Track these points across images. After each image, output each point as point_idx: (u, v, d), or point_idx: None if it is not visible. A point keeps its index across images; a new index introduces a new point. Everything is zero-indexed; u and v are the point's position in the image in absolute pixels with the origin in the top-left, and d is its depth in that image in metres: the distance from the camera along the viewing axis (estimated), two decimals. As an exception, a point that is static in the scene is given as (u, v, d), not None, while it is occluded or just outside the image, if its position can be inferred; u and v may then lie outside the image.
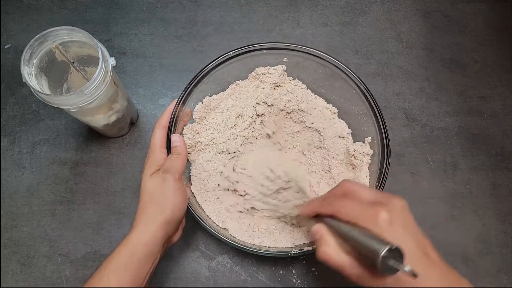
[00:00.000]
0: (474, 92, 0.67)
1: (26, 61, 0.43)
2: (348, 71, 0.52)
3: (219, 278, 0.55)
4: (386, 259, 0.29)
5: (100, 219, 0.57)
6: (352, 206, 0.34)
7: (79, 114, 0.49)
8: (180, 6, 0.70)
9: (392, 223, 0.32)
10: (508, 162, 0.63)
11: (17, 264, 0.55)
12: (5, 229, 0.57)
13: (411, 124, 0.65)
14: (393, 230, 0.32)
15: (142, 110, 0.64)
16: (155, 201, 0.43)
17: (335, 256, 0.34)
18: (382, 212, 0.32)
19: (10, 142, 0.61)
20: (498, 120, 0.66)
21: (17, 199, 0.58)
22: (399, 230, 0.32)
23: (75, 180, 0.59)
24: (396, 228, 0.32)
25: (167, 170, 0.44)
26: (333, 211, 0.36)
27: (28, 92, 0.63)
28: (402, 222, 0.33)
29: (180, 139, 0.47)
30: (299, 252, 0.46)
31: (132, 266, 0.39)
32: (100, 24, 0.68)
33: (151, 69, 0.66)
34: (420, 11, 0.72)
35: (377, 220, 0.32)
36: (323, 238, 0.36)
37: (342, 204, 0.35)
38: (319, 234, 0.36)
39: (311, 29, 0.70)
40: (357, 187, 0.36)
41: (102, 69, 0.44)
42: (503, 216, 0.60)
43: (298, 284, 0.55)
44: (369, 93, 0.51)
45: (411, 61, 0.69)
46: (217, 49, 0.67)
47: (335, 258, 0.34)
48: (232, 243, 0.47)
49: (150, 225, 0.41)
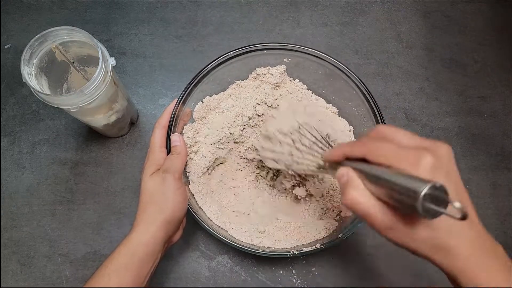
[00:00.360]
0: (474, 92, 0.67)
1: (26, 61, 0.43)
2: (348, 72, 0.52)
3: (219, 278, 0.55)
4: (427, 201, 0.24)
5: (100, 219, 0.57)
6: (390, 148, 0.29)
7: (79, 114, 0.49)
8: (180, 6, 0.70)
9: (436, 169, 0.27)
10: (508, 162, 0.63)
11: (17, 264, 0.55)
12: (5, 229, 0.57)
13: (411, 124, 0.65)
14: (435, 176, 0.27)
15: (142, 110, 0.64)
16: (155, 201, 0.43)
17: (364, 200, 0.29)
18: (425, 156, 0.27)
19: (10, 142, 0.61)
20: (498, 120, 0.66)
21: (17, 199, 0.58)
22: (442, 177, 0.28)
23: (75, 180, 0.59)
24: (438, 175, 0.28)
25: (167, 170, 0.44)
26: (366, 153, 0.31)
27: (28, 92, 0.63)
28: (446, 170, 0.29)
29: (179, 138, 0.47)
30: (298, 253, 0.46)
31: (133, 266, 0.39)
32: (100, 24, 0.68)
33: (151, 69, 0.66)
34: (420, 11, 0.72)
35: (419, 163, 0.27)
36: (350, 180, 0.31)
37: (378, 145, 0.30)
38: (346, 177, 0.31)
39: (311, 29, 0.70)
40: (396, 130, 0.31)
41: (102, 69, 0.44)
42: (503, 216, 0.60)
43: (298, 284, 0.55)
44: (369, 94, 0.51)
45: (411, 61, 0.69)
46: (217, 49, 0.67)
47: (364, 203, 0.29)
48: (231, 244, 0.47)
49: (150, 225, 0.41)
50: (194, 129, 0.53)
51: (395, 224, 0.29)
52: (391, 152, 0.29)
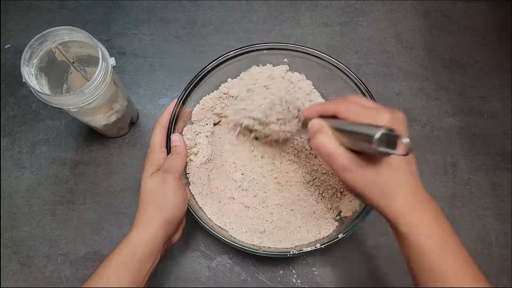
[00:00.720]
0: (474, 92, 0.67)
1: (26, 61, 0.43)
2: (348, 72, 0.52)
3: (219, 278, 0.55)
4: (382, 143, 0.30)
5: (100, 219, 0.57)
6: (357, 108, 0.35)
7: (79, 114, 0.49)
8: (180, 6, 0.70)
9: (393, 124, 0.32)
10: (508, 162, 0.63)
11: (17, 264, 0.55)
12: (5, 229, 0.57)
13: (411, 124, 0.65)
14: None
15: (142, 110, 0.64)
16: (155, 201, 0.43)
17: (330, 143, 0.35)
18: (384, 113, 0.33)
19: (10, 142, 0.61)
20: (498, 120, 0.66)
21: (17, 199, 0.58)
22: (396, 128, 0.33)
23: (75, 180, 0.59)
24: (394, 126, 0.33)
25: (167, 170, 0.44)
26: (337, 111, 0.36)
27: (28, 92, 0.63)
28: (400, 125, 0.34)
29: (180, 138, 0.47)
30: (298, 253, 0.46)
31: (132, 265, 0.39)
32: (100, 24, 0.68)
33: (151, 69, 0.66)
34: (420, 11, 0.72)
35: (378, 118, 0.33)
36: (321, 128, 0.36)
37: (348, 105, 0.36)
38: (318, 125, 0.37)
39: (311, 29, 0.70)
40: (361, 97, 0.38)
41: (102, 69, 0.44)
42: (503, 216, 0.60)
43: (298, 284, 0.55)
44: (369, 94, 0.51)
45: (411, 61, 0.69)
46: (217, 49, 0.67)
47: (329, 145, 0.35)
48: (232, 244, 0.47)
49: (150, 225, 0.41)
50: (193, 131, 0.53)
51: (350, 166, 0.34)
52: (358, 109, 0.35)
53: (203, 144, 0.53)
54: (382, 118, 0.33)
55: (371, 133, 0.30)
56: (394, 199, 0.34)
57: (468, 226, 0.60)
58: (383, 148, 0.30)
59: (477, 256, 0.58)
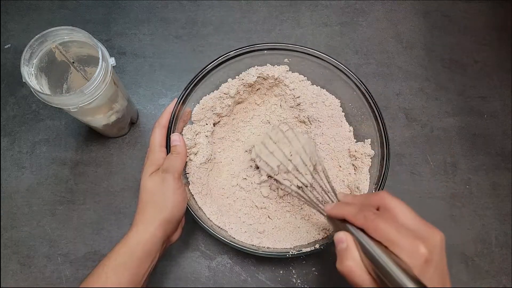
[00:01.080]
0: (474, 92, 0.67)
1: (26, 61, 0.43)
2: (348, 72, 0.52)
3: (219, 278, 0.55)
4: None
5: (100, 219, 0.57)
6: (389, 230, 0.31)
7: (79, 114, 0.49)
8: (180, 6, 0.70)
9: (428, 262, 0.30)
10: (508, 162, 0.63)
11: (17, 264, 0.55)
12: (5, 229, 0.57)
13: (411, 124, 0.65)
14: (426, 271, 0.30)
15: (142, 110, 0.64)
16: (155, 201, 0.43)
17: (359, 274, 0.32)
18: (421, 247, 0.30)
19: (10, 142, 0.61)
20: (498, 120, 0.66)
21: (17, 199, 0.58)
22: (431, 270, 0.30)
23: (75, 180, 0.59)
24: (429, 269, 0.30)
25: (167, 170, 0.44)
26: (366, 227, 0.33)
27: (28, 92, 0.63)
28: (436, 261, 0.31)
29: (179, 138, 0.47)
30: (297, 253, 0.46)
31: (131, 265, 0.39)
32: (100, 24, 0.68)
33: (151, 69, 0.66)
34: (420, 11, 0.72)
35: (413, 254, 0.30)
36: (348, 250, 0.33)
37: (379, 224, 0.32)
38: (345, 244, 0.33)
39: (311, 29, 0.70)
40: (398, 205, 0.34)
41: (102, 69, 0.44)
42: (503, 216, 0.60)
43: (298, 284, 0.55)
44: (369, 94, 0.51)
45: (411, 61, 0.69)
46: (217, 49, 0.67)
47: (359, 276, 0.32)
48: (231, 244, 0.47)
49: (149, 225, 0.41)
50: (193, 131, 0.53)
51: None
52: (390, 234, 0.31)
53: (203, 144, 0.53)
54: (417, 256, 0.29)
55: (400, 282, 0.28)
56: None
57: (468, 226, 0.60)
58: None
59: (477, 256, 0.58)
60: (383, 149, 0.50)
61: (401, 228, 0.31)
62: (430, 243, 0.30)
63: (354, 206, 0.36)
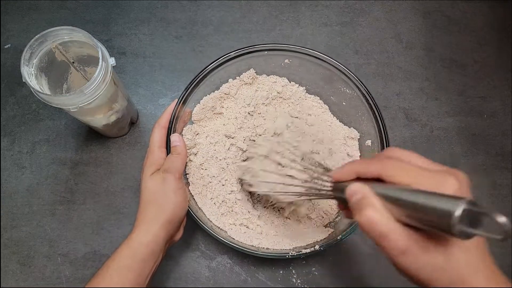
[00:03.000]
0: (474, 92, 0.67)
1: (26, 61, 0.43)
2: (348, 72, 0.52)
3: (219, 278, 0.55)
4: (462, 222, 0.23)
5: (100, 219, 0.57)
6: (410, 168, 0.28)
7: (79, 114, 0.49)
8: (180, 6, 0.70)
9: (461, 191, 0.26)
10: (508, 162, 0.63)
11: (17, 264, 0.55)
12: (5, 229, 0.57)
13: (411, 124, 0.65)
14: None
15: (142, 110, 0.64)
16: (156, 201, 0.43)
17: (383, 221, 0.27)
18: (451, 178, 0.26)
19: (10, 142, 0.61)
20: (498, 120, 0.66)
21: (17, 199, 0.58)
22: None
23: (75, 180, 0.59)
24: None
25: (167, 170, 0.44)
26: (383, 170, 0.28)
27: (28, 92, 0.63)
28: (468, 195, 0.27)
29: (179, 138, 0.47)
30: (297, 254, 0.46)
31: (134, 266, 0.39)
32: (100, 24, 0.68)
33: (151, 69, 0.66)
34: (420, 11, 0.72)
35: (444, 184, 0.26)
36: (366, 198, 0.28)
37: (396, 164, 0.28)
38: (360, 194, 0.29)
39: (311, 29, 0.70)
40: (411, 153, 0.30)
41: (102, 69, 0.44)
42: (503, 216, 0.60)
43: (298, 284, 0.55)
44: (369, 94, 0.51)
45: (411, 61, 0.69)
46: (217, 49, 0.67)
47: (383, 224, 0.27)
48: (230, 244, 0.47)
49: (151, 225, 0.41)
50: (193, 131, 0.53)
51: (412, 249, 0.27)
52: (411, 171, 0.27)
53: (203, 145, 0.53)
54: (449, 185, 0.26)
55: (448, 208, 0.23)
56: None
57: (468, 226, 0.60)
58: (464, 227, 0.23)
59: (477, 256, 0.58)
60: (383, 149, 0.50)
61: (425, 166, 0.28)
62: (458, 178, 0.27)
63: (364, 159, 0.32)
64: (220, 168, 0.53)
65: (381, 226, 0.27)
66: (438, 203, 0.24)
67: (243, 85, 0.56)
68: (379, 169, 0.29)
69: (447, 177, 0.27)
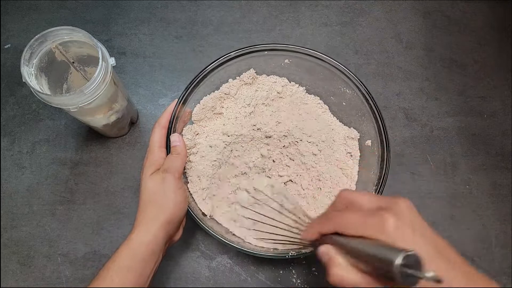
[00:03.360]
0: (474, 92, 0.67)
1: (26, 61, 0.43)
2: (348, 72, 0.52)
3: (219, 278, 0.55)
4: (403, 268, 0.26)
5: (100, 219, 0.57)
6: (354, 218, 0.31)
7: (79, 114, 0.49)
8: (180, 6, 0.70)
9: (400, 227, 0.29)
10: (508, 162, 0.63)
11: (17, 264, 0.55)
12: (5, 229, 0.57)
13: (411, 124, 0.65)
14: (403, 235, 0.29)
15: (142, 110, 0.64)
16: (156, 201, 0.43)
17: (348, 276, 0.31)
18: (387, 218, 0.29)
19: (10, 142, 0.61)
20: (498, 120, 0.66)
21: (17, 199, 0.58)
22: (409, 233, 0.29)
23: (75, 180, 0.59)
24: (405, 232, 0.29)
25: (167, 170, 0.44)
26: (336, 228, 0.33)
27: (28, 92, 0.63)
28: (411, 224, 0.30)
29: (179, 138, 0.47)
30: (297, 254, 0.46)
31: (135, 266, 0.39)
32: (100, 24, 0.68)
33: (151, 69, 0.66)
34: (420, 11, 0.72)
35: (383, 227, 0.29)
36: (331, 259, 0.32)
37: (343, 218, 0.32)
38: (327, 256, 0.33)
39: (311, 29, 0.70)
40: (355, 195, 0.34)
41: (102, 69, 0.44)
42: (503, 216, 0.60)
43: (298, 284, 0.55)
44: (369, 94, 0.51)
45: (411, 61, 0.69)
46: (217, 49, 0.67)
47: (348, 278, 0.31)
48: (230, 244, 0.47)
49: (151, 225, 0.41)
50: (193, 131, 0.53)
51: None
52: (357, 223, 0.31)
53: (203, 145, 0.53)
54: (387, 228, 0.29)
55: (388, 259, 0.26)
56: None
57: (468, 226, 0.60)
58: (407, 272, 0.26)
59: (477, 256, 0.58)
60: (383, 150, 0.50)
61: (365, 211, 0.32)
62: (395, 211, 0.30)
63: (320, 216, 0.36)
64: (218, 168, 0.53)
65: (348, 280, 0.31)
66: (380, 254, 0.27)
67: (243, 85, 0.55)
68: (333, 228, 0.33)
69: (384, 217, 0.29)
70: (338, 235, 0.33)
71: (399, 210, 0.30)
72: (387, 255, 0.26)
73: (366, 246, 0.29)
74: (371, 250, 0.28)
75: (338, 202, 0.35)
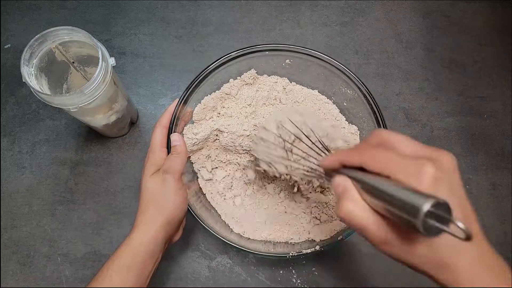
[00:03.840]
0: (474, 92, 0.67)
1: (26, 61, 0.43)
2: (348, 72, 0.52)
3: (219, 278, 0.55)
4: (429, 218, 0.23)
5: (100, 219, 0.57)
6: (389, 157, 0.27)
7: (79, 114, 0.49)
8: (180, 6, 0.70)
9: (438, 181, 0.25)
10: (508, 162, 0.63)
11: (17, 264, 0.55)
12: (5, 229, 0.57)
13: (411, 124, 0.65)
14: (438, 190, 0.25)
15: (142, 110, 0.64)
16: (156, 201, 0.43)
17: (360, 213, 0.28)
18: (427, 166, 0.26)
19: (10, 142, 0.61)
20: (498, 120, 0.66)
21: (17, 199, 0.58)
22: (445, 191, 0.26)
23: (75, 180, 0.59)
24: (441, 188, 0.26)
25: (167, 170, 0.44)
26: (364, 161, 0.29)
27: (28, 92, 0.63)
28: (449, 182, 0.27)
29: (179, 138, 0.47)
30: (297, 254, 0.46)
31: (134, 266, 0.40)
32: (100, 24, 0.68)
33: (151, 69, 0.66)
34: (420, 11, 0.72)
35: (420, 174, 0.25)
36: (346, 191, 0.29)
37: (377, 154, 0.28)
38: (342, 186, 0.30)
39: (311, 29, 0.70)
40: (396, 136, 0.29)
41: (102, 69, 0.44)
42: (503, 216, 0.60)
43: (298, 284, 0.55)
44: (369, 94, 0.51)
45: (411, 61, 0.69)
46: (217, 49, 0.67)
47: (359, 215, 0.28)
48: (230, 244, 0.47)
49: (151, 226, 0.41)
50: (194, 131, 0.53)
51: (392, 239, 0.27)
52: (390, 161, 0.27)
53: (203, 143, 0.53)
54: (425, 175, 0.25)
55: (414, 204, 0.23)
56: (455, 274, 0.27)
57: (468, 226, 0.60)
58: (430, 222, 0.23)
59: (477, 256, 0.58)
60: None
61: (404, 153, 0.28)
62: (438, 163, 0.26)
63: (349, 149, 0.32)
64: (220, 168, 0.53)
65: (358, 218, 0.28)
66: (407, 197, 0.24)
67: (244, 85, 0.55)
68: (361, 160, 0.29)
69: (425, 164, 0.26)
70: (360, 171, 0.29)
71: (443, 163, 0.27)
72: (414, 200, 0.23)
73: (392, 187, 0.26)
74: (397, 192, 0.25)
75: (372, 138, 0.31)
